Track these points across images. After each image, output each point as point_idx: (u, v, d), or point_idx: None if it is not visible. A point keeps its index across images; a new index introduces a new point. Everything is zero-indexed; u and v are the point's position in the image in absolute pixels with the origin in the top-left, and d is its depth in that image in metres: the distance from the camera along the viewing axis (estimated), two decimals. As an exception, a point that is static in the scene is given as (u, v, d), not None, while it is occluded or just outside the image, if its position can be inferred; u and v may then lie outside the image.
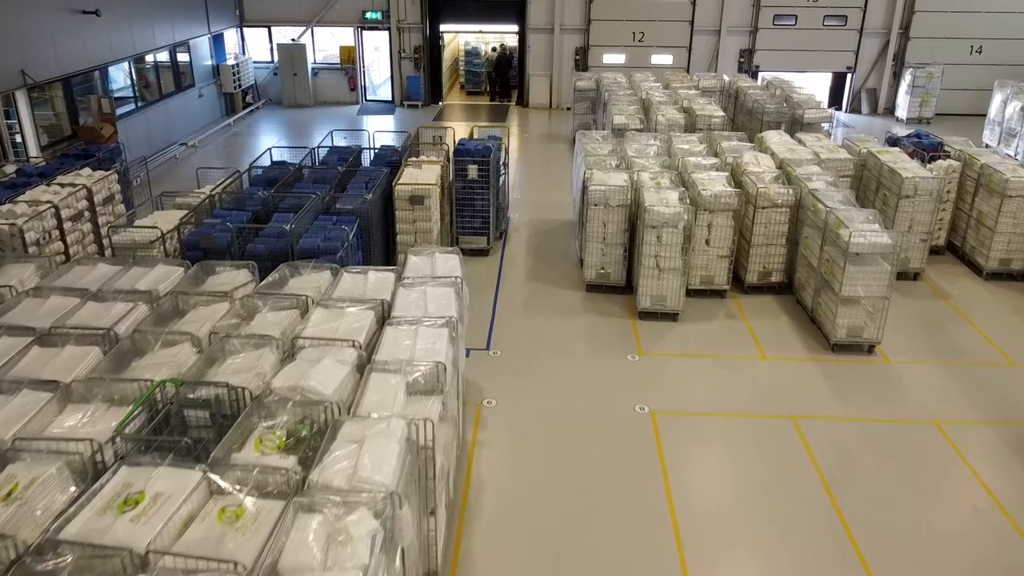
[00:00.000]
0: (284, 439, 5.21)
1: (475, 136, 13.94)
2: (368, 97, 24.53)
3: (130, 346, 6.61)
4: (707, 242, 11.02)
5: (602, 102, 18.04)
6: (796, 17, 22.57)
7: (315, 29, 23.67)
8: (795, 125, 16.18)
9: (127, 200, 12.76)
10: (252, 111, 23.02)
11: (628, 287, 11.39)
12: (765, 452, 8.01)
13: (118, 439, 5.23)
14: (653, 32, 22.90)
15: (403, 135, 13.47)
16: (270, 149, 12.52)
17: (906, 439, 8.26)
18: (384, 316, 7.33)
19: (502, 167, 13.24)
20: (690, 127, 15.50)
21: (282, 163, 12.35)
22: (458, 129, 20.35)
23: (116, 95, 17.16)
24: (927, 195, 11.54)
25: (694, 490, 7.45)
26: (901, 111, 22.33)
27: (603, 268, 11.32)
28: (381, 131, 13.34)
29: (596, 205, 10.97)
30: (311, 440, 5.24)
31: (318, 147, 12.79)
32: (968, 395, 9.05)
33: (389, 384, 5.94)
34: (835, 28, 22.65)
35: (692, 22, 22.76)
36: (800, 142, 13.46)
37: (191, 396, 5.73)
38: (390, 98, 24.25)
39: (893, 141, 13.78)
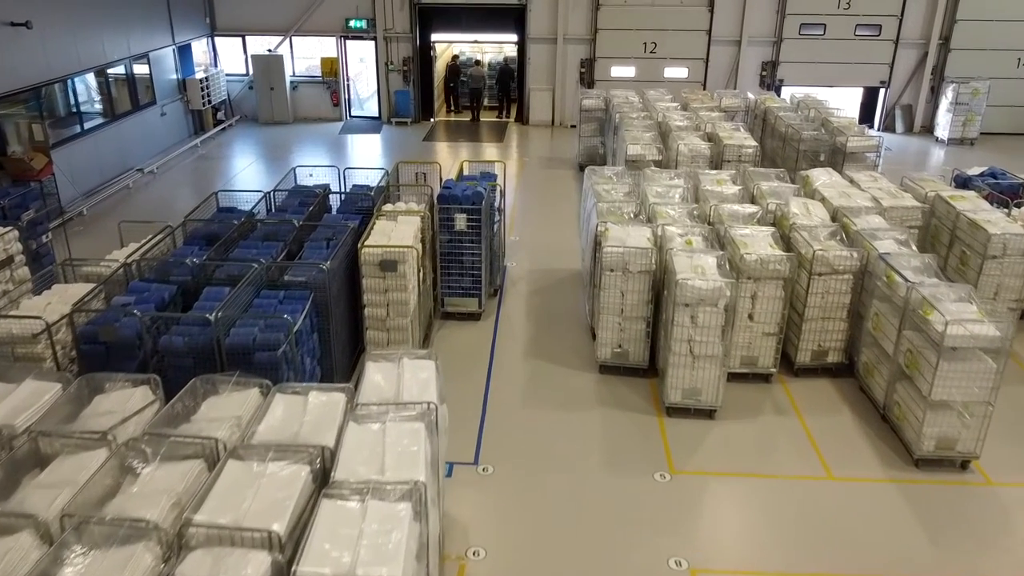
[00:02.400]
0: None
1: (465, 172, 11.78)
2: (353, 113, 22.39)
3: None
4: (750, 316, 8.87)
5: (612, 125, 15.89)
6: (825, 26, 20.41)
7: (294, 39, 21.51)
8: (836, 155, 14.01)
9: (47, 256, 10.64)
10: (224, 129, 20.86)
11: (651, 369, 9.24)
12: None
13: None
14: (666, 43, 20.74)
15: (380, 172, 11.32)
16: (216, 193, 10.37)
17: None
18: (325, 472, 5.19)
19: (496, 213, 11.07)
20: (716, 159, 13.34)
21: (230, 210, 10.19)
22: (448, 157, 18.23)
23: (56, 118, 15.01)
24: (1019, 255, 9.38)
25: None
26: (941, 130, 20.17)
27: (620, 346, 9.16)
28: (354, 168, 11.13)
29: (612, 271, 8.81)
30: None
31: (274, 191, 10.61)
32: (1106, 540, 6.90)
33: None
34: (868, 38, 20.48)
35: (710, 32, 20.60)
36: (853, 182, 11.29)
37: None
38: (377, 114, 22.10)
39: (963, 182, 11.62)
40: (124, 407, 5.91)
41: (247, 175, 17.33)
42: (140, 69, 17.92)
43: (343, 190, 11.51)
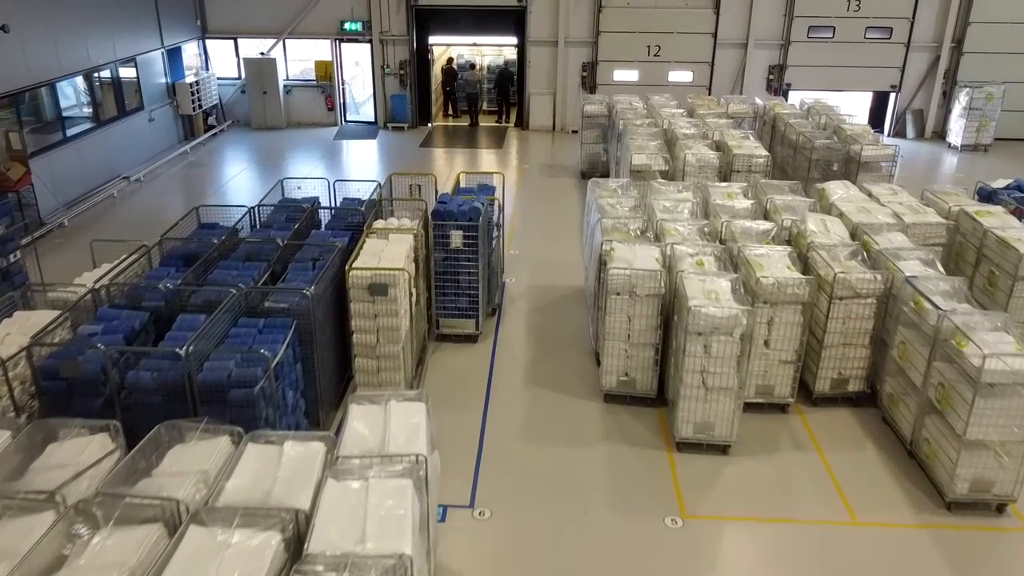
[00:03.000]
0: None
1: (462, 184, 11.19)
2: (348, 118, 21.78)
3: None
4: (766, 343, 8.28)
5: (616, 132, 15.30)
6: (834, 29, 19.81)
7: (288, 41, 20.92)
8: (850, 164, 13.42)
9: (19, 275, 10.04)
10: (215, 135, 20.26)
11: (660, 398, 8.64)
12: None
13: None
14: (671, 46, 20.14)
15: (372, 184, 10.71)
16: (197, 208, 9.77)
17: None
18: (299, 539, 4.60)
19: (495, 228, 10.48)
20: (726, 169, 12.74)
21: (212, 227, 9.60)
22: (445, 164, 17.62)
23: (38, 125, 14.41)
24: (1052, 276, 8.79)
25: None
26: (954, 137, 19.56)
27: (627, 374, 8.57)
28: (344, 180, 10.54)
29: (618, 294, 8.22)
30: None
31: (259, 206, 10.00)
32: None
33: None
34: (878, 41, 19.88)
35: (715, 34, 19.99)
36: (871, 196, 10.69)
37: None
38: (373, 119, 21.49)
39: (987, 195, 11.02)
40: (79, 459, 5.32)
41: (237, 183, 16.74)
42: (127, 73, 17.32)
43: (333, 204, 10.93)
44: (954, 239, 9.87)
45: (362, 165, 18.36)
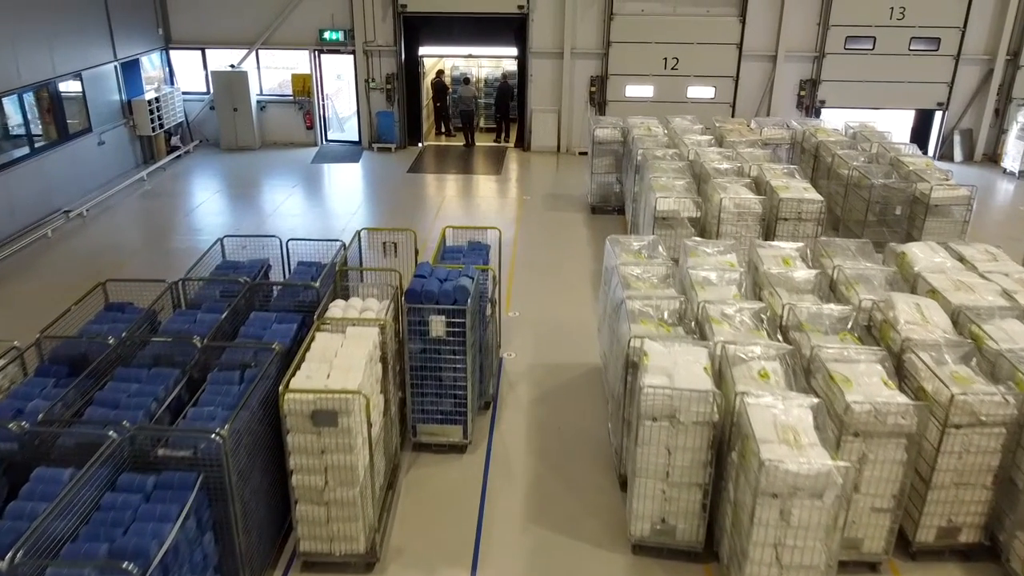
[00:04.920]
0: None
1: (448, 243, 8.99)
2: (329, 137, 19.57)
3: None
4: (856, 487, 6.07)
5: (632, 162, 13.11)
6: (875, 40, 17.58)
7: (261, 52, 18.72)
8: (916, 206, 11.22)
9: None
10: (179, 157, 18.06)
11: (708, 551, 6.44)
12: None
13: None
14: (690, 58, 17.92)
15: (334, 245, 8.51)
16: (104, 284, 7.57)
17: None
18: None
19: (489, 305, 8.27)
20: (769, 216, 10.53)
21: (120, 309, 7.40)
22: (435, 194, 15.28)
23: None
24: None
25: None
26: (1011, 161, 17.35)
27: (664, 520, 6.37)
28: (299, 239, 8.37)
29: (655, 420, 6.03)
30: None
31: (183, 281, 7.76)
32: None
33: None
34: (925, 53, 17.65)
35: (740, 45, 17.77)
36: (963, 260, 8.49)
37: None
38: (357, 138, 19.28)
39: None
40: None
41: (197, 217, 14.57)
42: (71, 89, 15.14)
43: (286, 266, 8.74)
44: (1080, 324, 7.64)
45: (339, 196, 16.14)
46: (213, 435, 5.21)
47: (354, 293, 7.81)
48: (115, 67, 16.42)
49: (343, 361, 6.24)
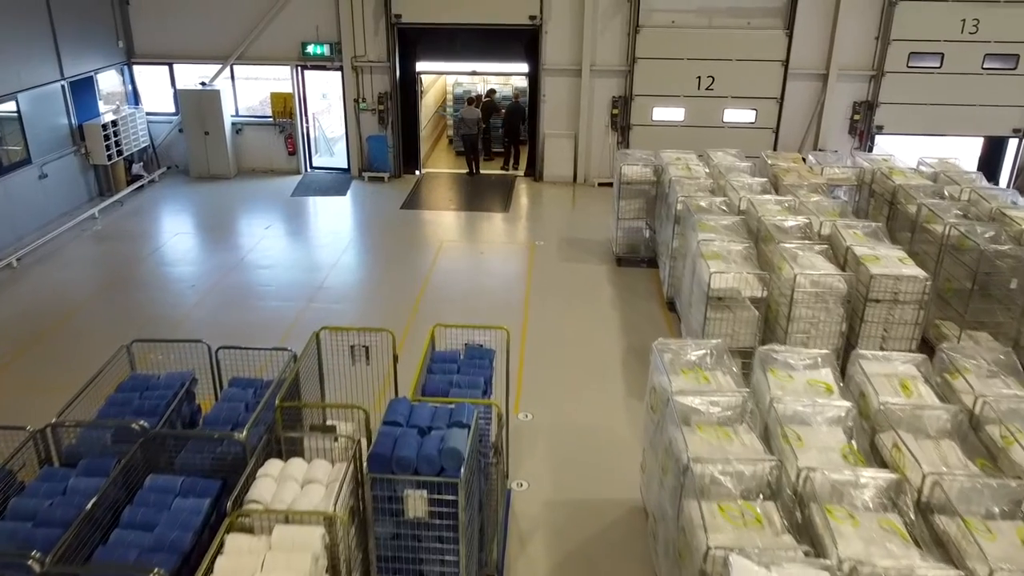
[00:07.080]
0: None
1: (437, 348, 6.65)
2: (314, 164, 17.27)
3: None
4: None
5: (669, 210, 10.79)
6: (942, 56, 15.21)
7: (236, 67, 16.45)
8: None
9: None
10: (141, 188, 15.80)
11: None
12: None
13: None
14: (728, 76, 15.56)
15: (283, 355, 6.22)
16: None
17: None
18: None
19: (491, 453, 5.92)
20: (855, 296, 8.15)
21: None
22: (432, 239, 12.64)
23: None
24: None
25: None
26: (1101, 198, 14.90)
27: None
28: (231, 347, 6.05)
29: None
30: None
31: (53, 426, 5.46)
32: None
33: None
34: (1000, 73, 15.27)
35: (786, 63, 15.41)
36: None
37: None
38: (345, 165, 16.99)
39: None
40: None
41: (150, 266, 12.33)
42: (5, 111, 12.90)
43: (216, 384, 6.44)
44: None
45: (319, 241, 13.75)
46: None
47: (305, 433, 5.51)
48: (62, 86, 14.18)
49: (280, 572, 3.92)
